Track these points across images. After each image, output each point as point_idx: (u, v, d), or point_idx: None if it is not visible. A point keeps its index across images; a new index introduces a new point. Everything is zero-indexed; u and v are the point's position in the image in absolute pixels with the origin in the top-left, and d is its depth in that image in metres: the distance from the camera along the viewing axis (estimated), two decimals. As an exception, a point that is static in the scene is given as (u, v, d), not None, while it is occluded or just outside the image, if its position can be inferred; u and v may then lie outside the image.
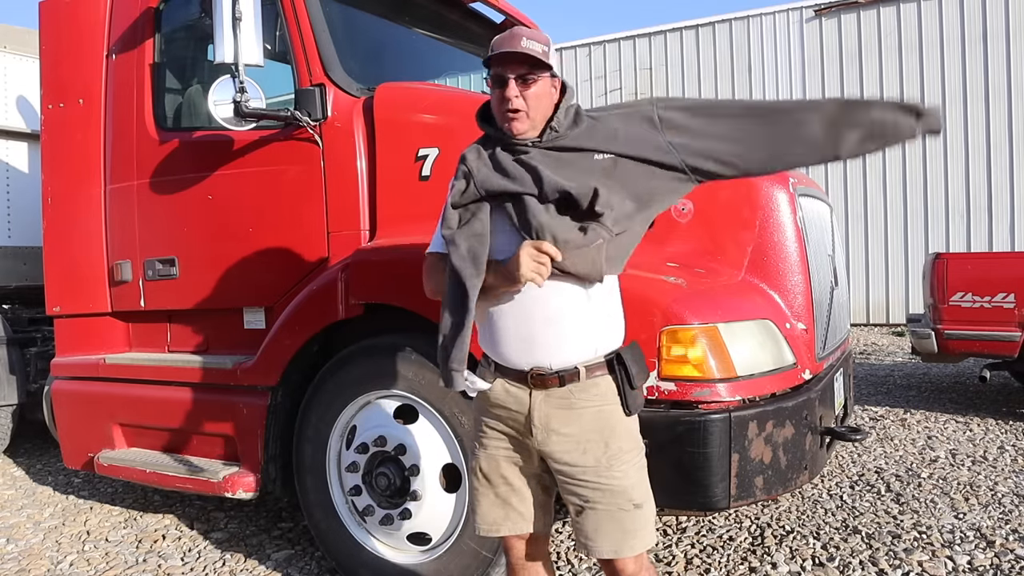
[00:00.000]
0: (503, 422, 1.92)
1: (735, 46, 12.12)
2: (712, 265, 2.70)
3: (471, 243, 1.80)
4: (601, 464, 1.84)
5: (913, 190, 11.08)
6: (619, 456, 1.86)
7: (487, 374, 1.93)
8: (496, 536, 2.00)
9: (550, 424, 1.85)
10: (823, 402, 2.77)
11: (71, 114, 3.84)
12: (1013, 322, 5.28)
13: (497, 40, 1.83)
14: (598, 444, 1.85)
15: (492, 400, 1.92)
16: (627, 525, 1.85)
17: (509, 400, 1.89)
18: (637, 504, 1.86)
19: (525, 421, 1.87)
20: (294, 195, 3.21)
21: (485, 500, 1.97)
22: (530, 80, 1.79)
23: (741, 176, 2.00)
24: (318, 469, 3.03)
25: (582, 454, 1.85)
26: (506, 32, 1.83)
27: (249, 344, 3.31)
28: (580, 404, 1.85)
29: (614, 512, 1.84)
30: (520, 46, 1.76)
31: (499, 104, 1.82)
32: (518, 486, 1.95)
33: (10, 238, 5.41)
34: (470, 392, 1.93)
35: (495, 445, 1.95)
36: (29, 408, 5.21)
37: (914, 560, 3.11)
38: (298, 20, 3.20)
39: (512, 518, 1.95)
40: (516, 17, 4.30)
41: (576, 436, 1.85)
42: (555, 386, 1.84)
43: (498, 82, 1.81)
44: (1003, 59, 10.58)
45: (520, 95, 1.79)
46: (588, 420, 1.85)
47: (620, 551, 1.85)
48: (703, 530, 3.52)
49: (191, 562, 3.42)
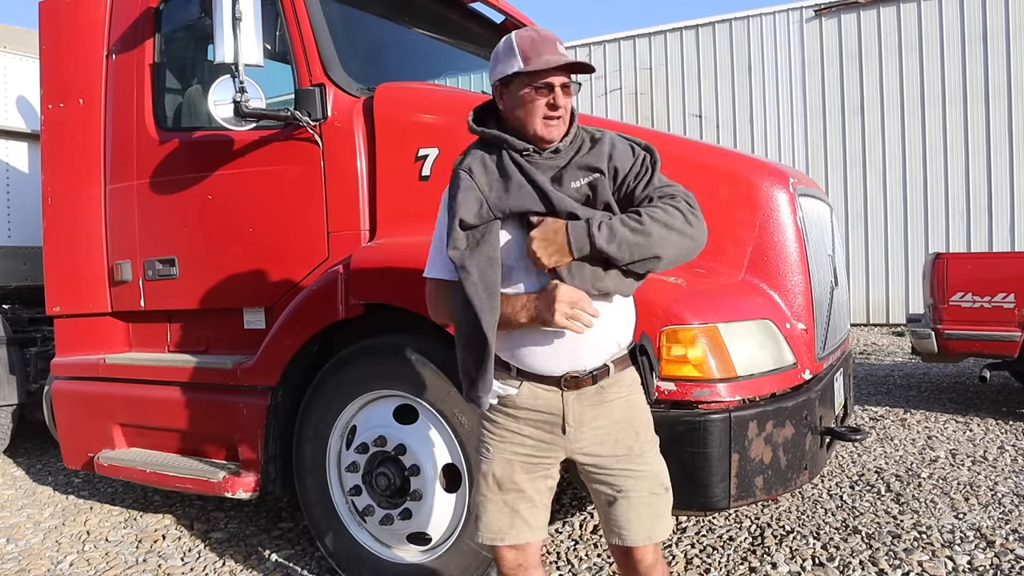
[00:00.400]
0: (530, 424, 1.90)
1: (735, 46, 12.12)
2: (712, 265, 2.69)
3: (484, 271, 1.75)
4: (634, 451, 1.89)
5: (913, 190, 11.08)
6: (647, 443, 1.93)
7: (508, 378, 1.89)
8: (500, 545, 1.94)
9: (583, 421, 1.87)
10: (823, 402, 2.77)
11: (71, 114, 3.84)
12: (1013, 322, 5.28)
13: (528, 43, 1.80)
14: (629, 433, 1.89)
15: (518, 404, 1.89)
16: (658, 510, 1.90)
17: (539, 403, 1.88)
18: (666, 488, 1.93)
19: (559, 421, 1.87)
20: (294, 195, 3.21)
21: (492, 507, 1.92)
22: (569, 89, 1.82)
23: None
24: (318, 469, 3.03)
25: (614, 444, 1.88)
26: (533, 34, 1.82)
27: (249, 344, 3.31)
28: (610, 397, 1.88)
29: (647, 497, 1.88)
30: (563, 53, 1.80)
31: (541, 110, 1.80)
32: (529, 493, 1.92)
33: (10, 238, 5.41)
34: (491, 398, 1.90)
35: (514, 450, 1.91)
36: (29, 408, 5.21)
37: (914, 560, 3.11)
38: (298, 20, 3.20)
39: (518, 527, 1.92)
40: (516, 17, 4.30)
41: (608, 427, 1.88)
42: (588, 385, 1.86)
43: (544, 89, 1.79)
44: (1003, 59, 10.58)
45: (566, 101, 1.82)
46: (618, 411, 1.89)
47: (652, 536, 1.89)
48: (703, 530, 3.52)
49: (191, 562, 3.42)
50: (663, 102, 12.58)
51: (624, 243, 1.72)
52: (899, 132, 11.13)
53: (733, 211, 2.76)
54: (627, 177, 1.83)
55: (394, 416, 2.87)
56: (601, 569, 3.11)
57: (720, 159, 2.97)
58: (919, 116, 11.01)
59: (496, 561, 1.99)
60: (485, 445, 1.96)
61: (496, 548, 1.96)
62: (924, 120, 10.99)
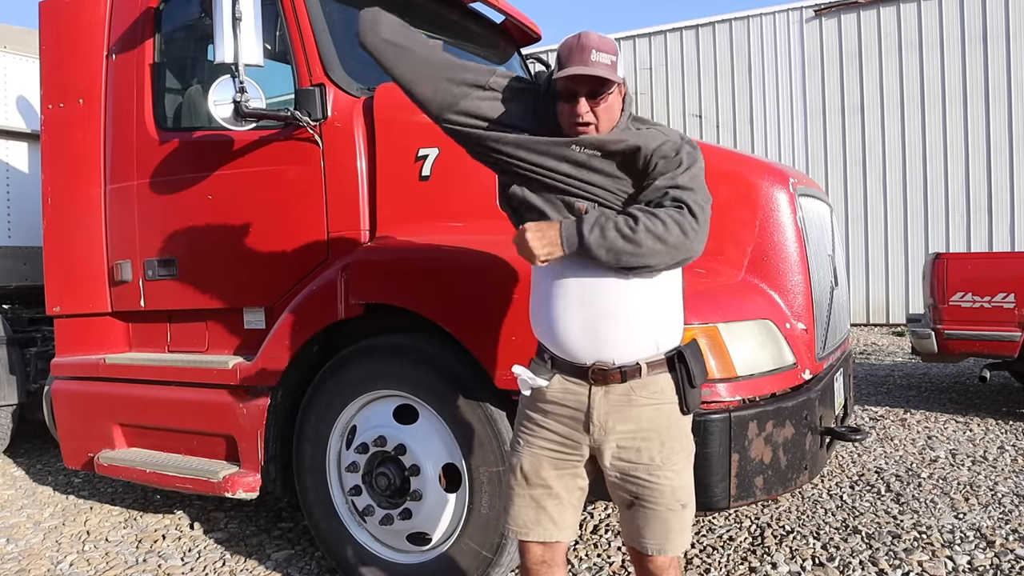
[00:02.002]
0: (557, 419, 1.90)
1: (735, 46, 12.12)
2: (712, 265, 2.69)
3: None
4: (655, 463, 1.85)
5: (913, 190, 11.08)
6: (672, 456, 1.87)
7: (543, 370, 1.91)
8: (525, 540, 1.95)
9: (608, 421, 1.85)
10: (823, 402, 2.77)
11: (71, 114, 3.84)
12: (1013, 322, 5.28)
13: (566, 51, 1.80)
14: (654, 442, 1.86)
15: (547, 397, 1.90)
16: (672, 525, 1.86)
17: (567, 397, 1.88)
18: (684, 504, 1.88)
19: (583, 418, 1.86)
20: (294, 195, 3.21)
21: (519, 500, 1.94)
22: (600, 96, 1.80)
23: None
24: (318, 469, 3.03)
25: (636, 451, 1.85)
26: (574, 41, 1.81)
27: (249, 344, 3.31)
28: (640, 401, 1.85)
29: (661, 512, 1.85)
30: (590, 61, 1.76)
31: (568, 116, 1.83)
32: (556, 490, 1.92)
33: (10, 238, 5.41)
34: (524, 390, 1.92)
35: (541, 444, 1.92)
36: (29, 408, 5.20)
37: (914, 560, 3.11)
38: (298, 20, 3.20)
39: (543, 523, 1.93)
40: (516, 17, 4.30)
41: (633, 433, 1.86)
42: (616, 382, 1.84)
43: (568, 96, 1.81)
44: (1003, 59, 10.58)
45: (591, 111, 1.80)
46: (646, 418, 1.86)
47: (664, 549, 1.87)
48: (703, 530, 3.52)
49: (191, 562, 3.42)
50: (663, 102, 12.58)
51: (612, 249, 1.73)
52: (899, 132, 11.13)
53: (733, 211, 2.75)
54: (656, 165, 1.83)
55: (394, 416, 2.87)
56: (601, 569, 3.11)
57: (720, 159, 2.97)
58: (919, 116, 11.01)
59: (521, 555, 2.00)
60: (517, 438, 1.99)
61: (522, 542, 1.97)
62: (924, 120, 10.99)
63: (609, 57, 1.78)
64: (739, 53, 12.10)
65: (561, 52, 1.82)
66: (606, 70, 1.76)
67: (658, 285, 1.84)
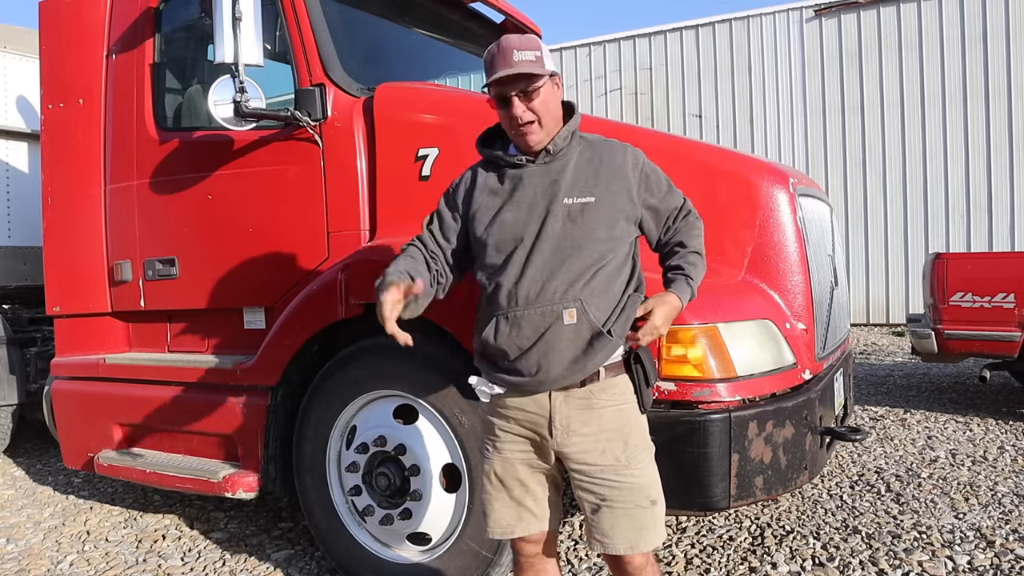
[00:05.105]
0: (520, 424, 1.91)
1: (735, 46, 12.12)
2: (712, 265, 2.68)
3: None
4: (620, 462, 1.86)
5: (913, 190, 11.07)
6: (636, 454, 1.88)
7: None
8: (510, 538, 1.99)
9: (571, 425, 1.86)
10: (823, 402, 2.77)
11: (71, 114, 3.84)
12: (1013, 322, 5.28)
13: (489, 60, 1.83)
14: (617, 443, 1.86)
15: (508, 404, 1.91)
16: (643, 522, 1.86)
17: (527, 402, 1.88)
18: (653, 500, 1.89)
19: (545, 423, 1.87)
20: (294, 195, 3.21)
21: (498, 503, 1.95)
22: (532, 92, 1.81)
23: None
24: (318, 469, 3.03)
25: (601, 453, 1.86)
26: (494, 48, 1.83)
27: (249, 344, 3.31)
28: (600, 404, 1.86)
29: (631, 509, 1.85)
30: (513, 62, 1.77)
31: (510, 122, 1.84)
32: (532, 487, 1.94)
33: (10, 238, 5.41)
34: (483, 398, 1.93)
35: (511, 448, 1.93)
36: (29, 408, 5.21)
37: (914, 560, 3.11)
38: (298, 20, 3.19)
39: (526, 519, 1.95)
40: (516, 17, 4.30)
41: (595, 435, 1.86)
42: (575, 387, 1.85)
43: (503, 103, 1.83)
44: (1003, 59, 10.58)
45: (527, 109, 1.81)
46: (608, 419, 1.86)
47: (636, 547, 1.87)
48: (703, 530, 3.52)
49: (191, 562, 3.42)
50: (663, 102, 12.58)
51: (697, 285, 1.98)
52: (899, 132, 11.13)
53: (733, 211, 2.75)
54: (650, 195, 1.95)
55: (394, 416, 2.87)
56: (601, 569, 3.11)
57: (720, 159, 2.97)
58: (919, 116, 11.01)
59: (513, 552, 2.03)
60: (485, 445, 2.00)
61: (512, 541, 1.99)
62: (924, 120, 10.98)
63: (532, 53, 1.80)
64: (739, 53, 12.09)
65: (485, 64, 1.84)
66: (530, 65, 1.78)
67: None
